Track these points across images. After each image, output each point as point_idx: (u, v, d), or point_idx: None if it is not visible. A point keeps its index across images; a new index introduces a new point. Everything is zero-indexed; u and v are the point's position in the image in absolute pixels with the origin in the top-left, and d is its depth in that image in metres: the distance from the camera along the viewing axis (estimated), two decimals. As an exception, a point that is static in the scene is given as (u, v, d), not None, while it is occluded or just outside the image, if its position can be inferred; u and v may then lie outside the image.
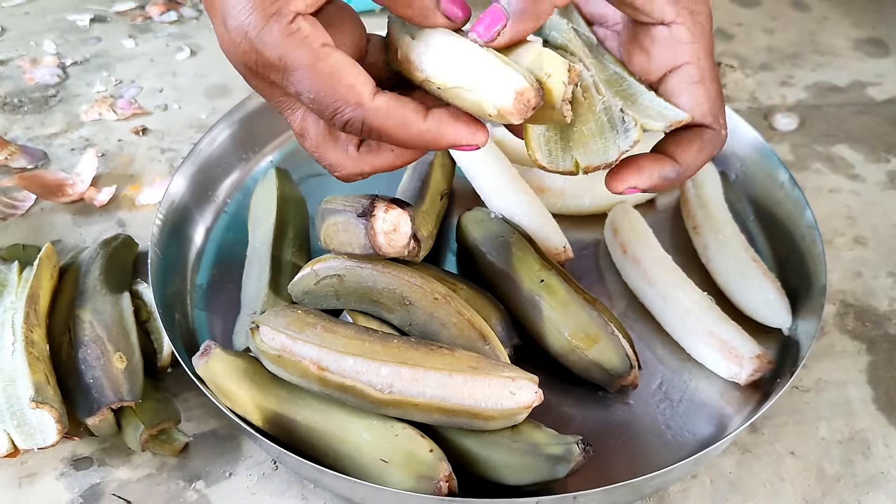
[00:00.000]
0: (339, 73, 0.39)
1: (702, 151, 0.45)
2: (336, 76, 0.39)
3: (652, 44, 0.46)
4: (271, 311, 0.50)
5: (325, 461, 0.47)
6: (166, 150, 0.76)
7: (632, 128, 0.43)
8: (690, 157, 0.45)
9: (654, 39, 0.46)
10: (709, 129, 0.45)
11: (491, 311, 0.54)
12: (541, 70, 0.39)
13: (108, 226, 0.68)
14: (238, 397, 0.48)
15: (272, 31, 0.39)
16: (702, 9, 0.45)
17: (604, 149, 0.43)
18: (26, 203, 0.70)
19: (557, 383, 0.54)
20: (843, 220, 0.69)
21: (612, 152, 0.43)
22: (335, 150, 0.44)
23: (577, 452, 0.46)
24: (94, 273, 0.58)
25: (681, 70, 0.45)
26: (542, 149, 0.44)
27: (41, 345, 0.53)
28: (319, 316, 0.49)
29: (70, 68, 0.86)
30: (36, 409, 0.49)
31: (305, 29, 0.39)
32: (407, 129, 0.40)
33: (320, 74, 0.39)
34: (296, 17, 0.39)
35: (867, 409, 0.56)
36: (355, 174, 0.44)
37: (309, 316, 0.49)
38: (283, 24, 0.39)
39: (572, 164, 0.44)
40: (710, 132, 0.45)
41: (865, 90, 0.84)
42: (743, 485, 0.51)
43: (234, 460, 0.52)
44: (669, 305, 0.57)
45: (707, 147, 0.45)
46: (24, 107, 0.81)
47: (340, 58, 0.40)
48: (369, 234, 0.49)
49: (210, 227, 0.66)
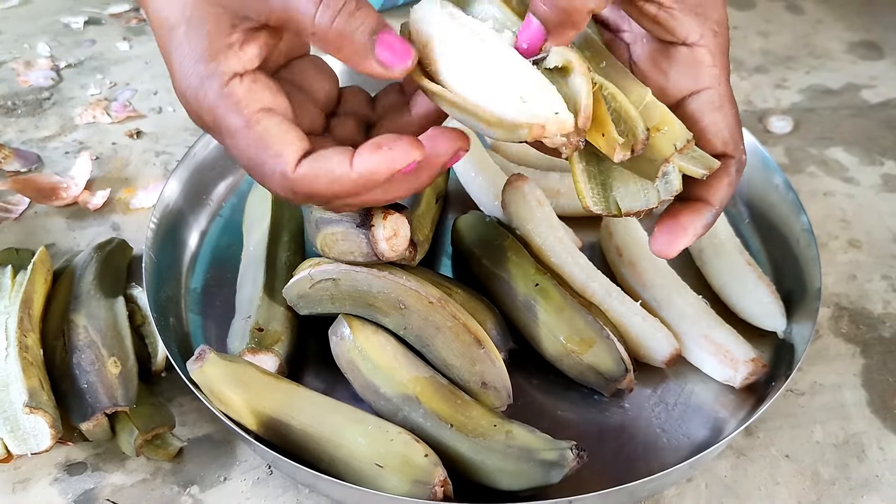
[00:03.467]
0: (267, 141, 0.39)
1: (731, 185, 0.44)
2: (264, 144, 0.39)
3: (671, 64, 0.43)
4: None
5: (320, 466, 0.47)
6: (161, 153, 0.76)
7: (673, 174, 0.41)
8: (722, 194, 0.44)
9: (674, 60, 0.43)
10: (731, 157, 0.44)
11: (486, 315, 0.54)
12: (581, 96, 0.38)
13: (103, 229, 0.68)
14: (233, 402, 0.48)
15: (207, 93, 0.39)
16: (723, 31, 0.43)
17: (644, 192, 0.42)
18: (20, 207, 0.70)
19: (552, 388, 0.54)
20: (838, 224, 0.69)
21: (653, 198, 0.42)
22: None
23: (571, 458, 0.46)
24: (88, 277, 0.57)
25: (701, 94, 0.43)
26: (586, 186, 0.43)
27: (35, 349, 0.53)
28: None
29: (64, 71, 0.86)
30: (30, 415, 0.49)
31: (238, 93, 0.39)
32: (341, 184, 0.39)
33: (249, 141, 0.39)
34: (231, 80, 0.39)
35: (862, 412, 0.56)
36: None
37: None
38: (218, 86, 0.39)
39: (613, 206, 0.43)
40: (733, 161, 0.44)
41: (860, 93, 0.84)
42: (738, 488, 0.51)
43: (228, 465, 0.52)
44: (664, 309, 0.57)
45: (734, 178, 0.44)
46: (17, 109, 0.80)
47: (272, 124, 0.39)
48: (371, 243, 0.49)
49: (205, 230, 0.66)
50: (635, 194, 0.42)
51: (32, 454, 0.49)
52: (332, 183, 0.39)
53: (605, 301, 0.56)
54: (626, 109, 0.39)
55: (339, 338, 0.52)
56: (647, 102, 0.41)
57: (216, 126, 0.40)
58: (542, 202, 0.59)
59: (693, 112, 0.43)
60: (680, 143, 0.40)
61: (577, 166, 0.43)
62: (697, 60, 0.43)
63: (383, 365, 0.50)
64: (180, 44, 0.39)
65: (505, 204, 0.60)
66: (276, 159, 0.39)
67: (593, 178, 0.43)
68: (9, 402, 0.49)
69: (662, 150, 0.40)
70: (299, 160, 0.39)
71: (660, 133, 0.40)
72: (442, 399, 0.49)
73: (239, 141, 0.39)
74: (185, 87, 0.40)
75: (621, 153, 0.39)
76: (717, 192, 0.44)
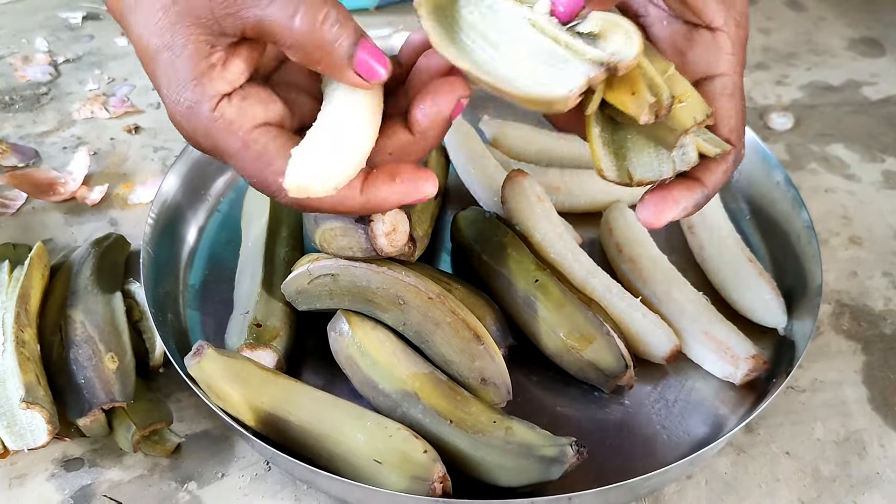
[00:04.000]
0: (266, 158, 0.39)
1: (726, 172, 0.44)
2: (264, 161, 0.39)
3: (691, 46, 0.44)
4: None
5: (319, 462, 0.47)
6: (159, 148, 0.76)
7: (690, 147, 0.42)
8: (716, 178, 0.44)
9: (695, 42, 0.44)
10: (733, 147, 0.44)
11: (485, 311, 0.54)
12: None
13: (100, 225, 0.68)
14: (231, 398, 0.48)
15: (199, 118, 0.39)
16: (744, 23, 0.44)
17: (658, 162, 0.42)
18: (17, 202, 0.70)
19: (552, 384, 0.54)
20: (839, 220, 0.69)
21: (668, 168, 0.42)
22: None
23: (570, 454, 0.45)
24: (85, 273, 0.57)
25: (717, 80, 0.44)
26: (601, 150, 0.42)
27: (32, 345, 0.52)
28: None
29: (62, 66, 0.86)
30: (26, 410, 0.48)
31: (230, 115, 0.39)
32: (345, 205, 0.40)
33: (249, 161, 0.39)
34: (220, 102, 0.39)
35: (862, 409, 0.56)
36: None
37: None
38: (206, 112, 0.39)
39: (625, 175, 0.43)
40: (734, 151, 0.44)
41: (860, 90, 0.84)
42: (738, 485, 0.51)
43: (226, 461, 0.52)
44: (665, 305, 0.57)
45: (730, 167, 0.44)
46: (15, 105, 0.80)
47: (268, 140, 0.39)
48: (370, 238, 0.49)
49: (203, 226, 0.66)
50: (649, 164, 0.42)
51: (29, 450, 0.49)
52: (337, 204, 0.40)
53: (605, 297, 0.55)
54: (652, 76, 0.40)
55: (338, 333, 0.52)
56: (670, 74, 0.42)
57: (214, 149, 0.40)
58: (542, 198, 0.59)
59: (705, 95, 0.44)
60: (700, 116, 0.41)
61: (594, 130, 0.43)
62: (718, 45, 0.44)
63: (382, 361, 0.50)
64: (165, 70, 0.39)
65: (504, 199, 0.59)
66: (278, 175, 0.39)
67: (608, 146, 0.43)
68: (5, 398, 0.49)
69: (683, 121, 0.40)
70: None
71: (682, 104, 0.40)
72: (441, 395, 0.49)
73: (239, 161, 0.40)
74: (177, 114, 0.40)
75: (648, 115, 0.39)
76: (713, 176, 0.44)
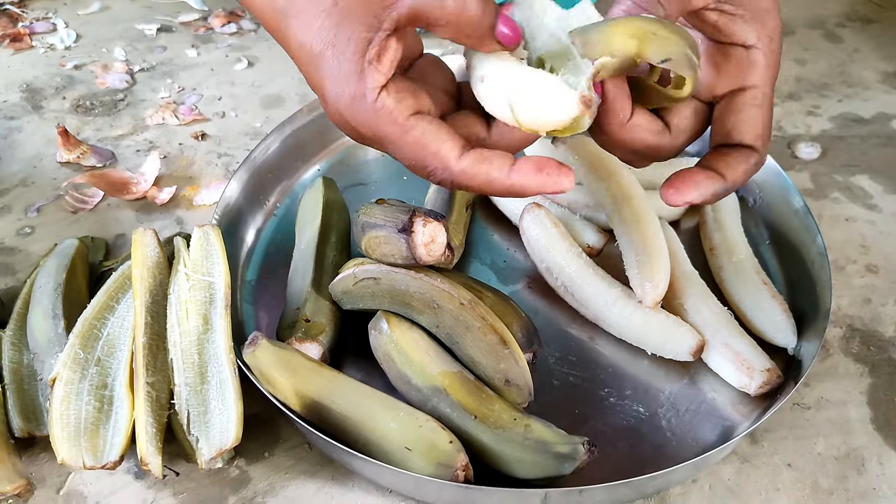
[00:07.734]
0: (424, 142, 0.42)
1: (746, 173, 0.47)
2: (422, 145, 0.42)
3: (725, 61, 0.47)
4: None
5: (356, 446, 0.50)
6: (223, 154, 0.80)
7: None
8: (737, 176, 0.47)
9: (729, 58, 0.47)
10: (756, 152, 0.47)
11: (513, 318, 0.57)
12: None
13: (168, 223, 0.72)
14: (280, 384, 0.52)
15: (361, 110, 0.42)
16: (777, 38, 0.46)
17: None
18: (95, 199, 0.74)
19: (572, 389, 0.57)
20: (857, 249, 0.71)
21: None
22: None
23: (582, 452, 0.48)
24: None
25: (748, 92, 0.46)
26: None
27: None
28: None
29: (138, 74, 0.90)
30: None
31: (390, 104, 0.42)
32: (492, 186, 0.43)
33: (409, 146, 0.42)
34: (380, 93, 0.41)
35: (865, 428, 0.58)
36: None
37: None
38: (369, 103, 0.41)
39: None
40: (756, 156, 0.47)
41: (890, 123, 0.85)
42: (740, 491, 0.54)
43: (272, 442, 0.56)
44: (691, 316, 0.60)
45: (751, 170, 0.47)
46: (95, 109, 0.85)
47: (426, 126, 0.42)
48: (410, 247, 0.53)
49: (260, 228, 0.70)
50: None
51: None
52: (485, 184, 0.43)
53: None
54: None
55: (378, 332, 0.56)
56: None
57: (376, 137, 0.43)
58: (556, 224, 0.63)
59: (735, 104, 0.47)
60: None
61: None
62: (752, 61, 0.46)
63: (416, 358, 0.54)
64: (329, 67, 0.41)
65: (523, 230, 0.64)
66: (436, 157, 0.42)
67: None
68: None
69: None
70: (460, 155, 0.43)
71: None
72: (468, 392, 0.52)
73: (399, 147, 0.43)
74: (341, 107, 0.42)
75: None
76: (733, 172, 0.47)
